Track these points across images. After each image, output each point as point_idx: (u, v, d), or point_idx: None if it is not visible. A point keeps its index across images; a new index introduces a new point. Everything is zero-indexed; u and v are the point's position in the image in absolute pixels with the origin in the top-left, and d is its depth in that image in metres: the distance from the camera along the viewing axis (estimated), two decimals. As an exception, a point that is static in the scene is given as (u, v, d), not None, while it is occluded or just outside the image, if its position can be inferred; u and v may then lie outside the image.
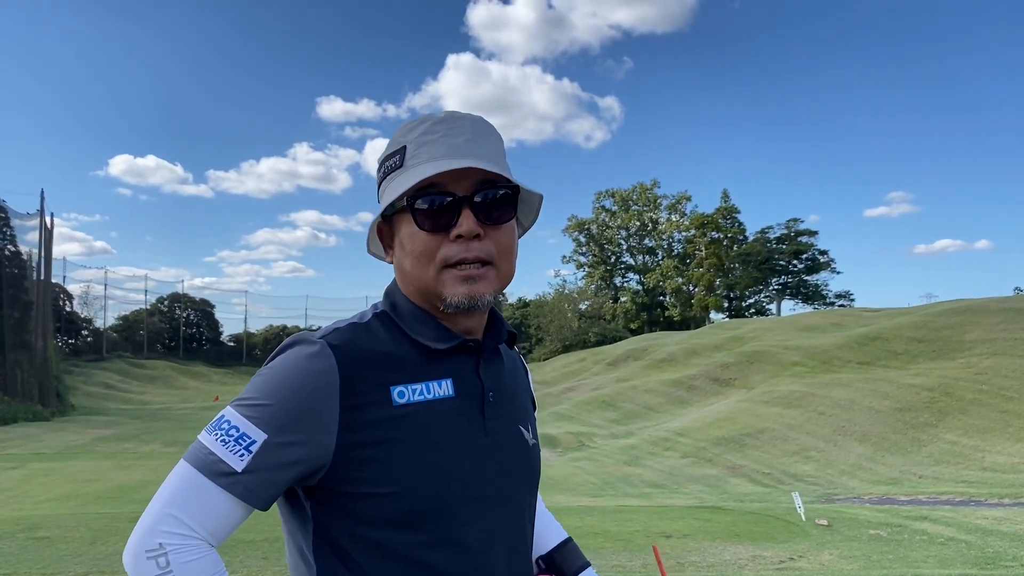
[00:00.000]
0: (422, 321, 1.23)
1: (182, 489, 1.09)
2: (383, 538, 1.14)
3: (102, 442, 23.74)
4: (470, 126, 1.23)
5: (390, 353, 1.19)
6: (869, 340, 26.18)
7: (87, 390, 48.05)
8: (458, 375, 1.23)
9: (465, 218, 1.17)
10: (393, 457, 1.13)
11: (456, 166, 1.15)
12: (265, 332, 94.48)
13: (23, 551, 7.76)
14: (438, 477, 1.15)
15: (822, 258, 66.96)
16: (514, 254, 1.26)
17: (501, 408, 1.27)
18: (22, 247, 39.38)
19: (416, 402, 1.16)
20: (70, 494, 12.53)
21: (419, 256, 1.19)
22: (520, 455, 1.30)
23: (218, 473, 1.08)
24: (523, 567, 1.29)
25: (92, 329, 70.10)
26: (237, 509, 1.10)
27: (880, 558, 7.68)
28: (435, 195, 1.17)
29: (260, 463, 1.09)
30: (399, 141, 1.25)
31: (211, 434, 1.11)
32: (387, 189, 1.24)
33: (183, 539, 1.05)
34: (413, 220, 1.19)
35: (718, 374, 27.35)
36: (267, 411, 1.11)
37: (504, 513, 1.24)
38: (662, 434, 20.89)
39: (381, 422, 1.13)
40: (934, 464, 15.44)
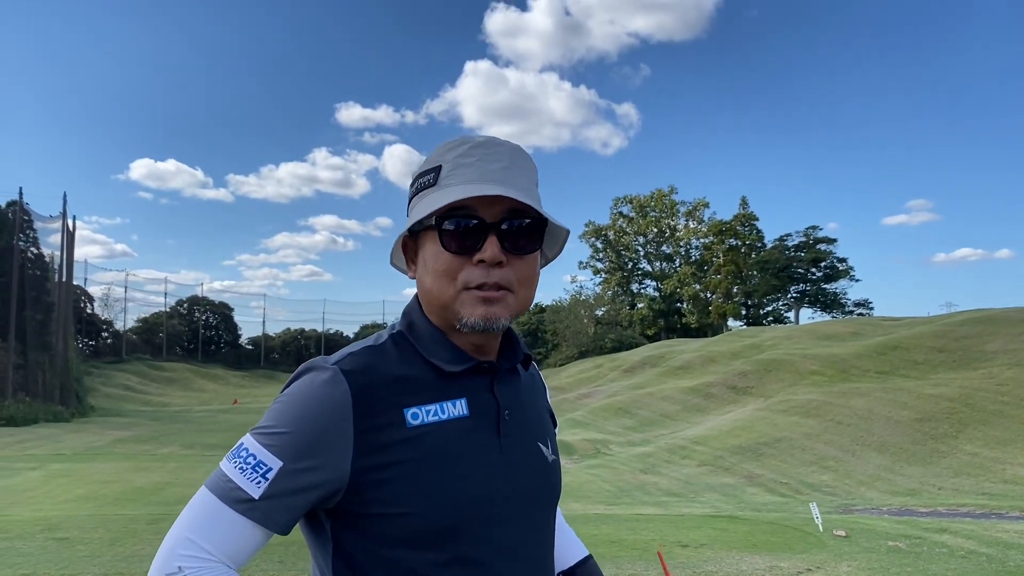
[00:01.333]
0: (438, 342, 1.25)
1: (201, 515, 1.12)
2: (401, 557, 1.15)
3: (121, 444, 23.92)
4: (507, 154, 1.24)
5: (404, 375, 1.21)
6: (888, 349, 25.98)
7: (106, 392, 48.44)
8: (472, 395, 1.24)
9: (490, 244, 1.18)
10: (408, 478, 1.14)
11: (488, 192, 1.17)
12: (283, 335, 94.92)
13: (43, 551, 7.84)
14: (453, 497, 1.16)
15: (841, 266, 66.56)
16: (534, 284, 1.27)
17: (517, 425, 1.28)
18: (44, 249, 39.84)
19: (430, 423, 1.18)
20: (89, 495, 12.64)
21: (441, 275, 1.21)
22: (537, 472, 1.30)
23: (236, 500, 1.11)
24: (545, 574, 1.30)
25: (112, 331, 70.68)
26: (256, 534, 1.12)
27: (899, 570, 7.60)
28: (463, 218, 1.19)
29: (276, 489, 1.11)
30: (436, 160, 1.25)
31: (231, 462, 1.15)
32: (417, 205, 1.26)
33: (201, 562, 1.08)
34: (439, 240, 1.20)
35: (735, 382, 27.22)
36: (283, 439, 1.13)
37: (522, 530, 1.25)
38: (679, 442, 20.80)
39: (395, 444, 1.15)
40: (954, 476, 15.28)
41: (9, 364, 33.99)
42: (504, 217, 1.20)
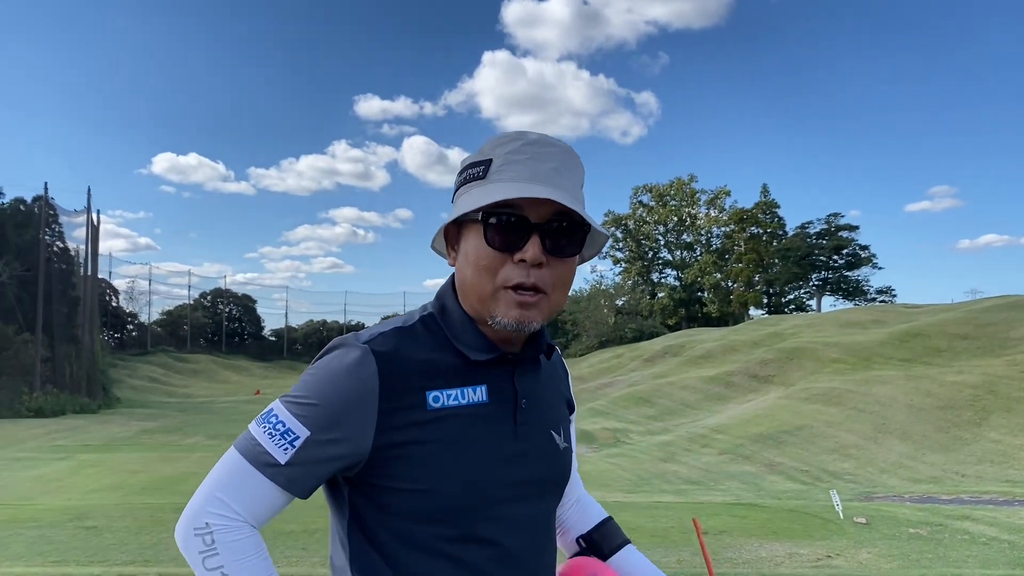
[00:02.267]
0: (467, 330, 1.29)
1: (230, 475, 1.19)
2: (412, 531, 1.22)
3: (147, 434, 24.23)
4: (558, 155, 1.25)
5: (429, 359, 1.25)
6: (911, 337, 25.75)
7: (132, 383, 48.99)
8: (493, 382, 1.28)
9: (532, 244, 1.21)
10: (425, 457, 1.20)
11: (536, 195, 1.18)
12: (305, 327, 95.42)
13: (72, 539, 8.00)
14: (466, 478, 1.21)
15: (863, 253, 65.91)
16: (569, 286, 1.30)
17: (534, 414, 1.33)
18: (70, 243, 40.30)
19: (450, 407, 1.23)
20: (117, 485, 12.84)
21: (481, 270, 1.23)
22: (548, 459, 1.35)
23: (264, 463, 1.18)
24: (548, 563, 1.35)
25: (137, 324, 71.42)
26: (279, 496, 1.19)
27: (919, 557, 7.60)
28: (509, 216, 1.21)
29: (302, 457, 1.18)
30: (487, 152, 1.27)
31: (260, 426, 1.21)
32: (464, 195, 1.28)
33: (228, 520, 1.16)
34: (483, 234, 1.22)
35: (756, 371, 27.10)
36: (312, 410, 1.19)
37: (529, 513, 1.30)
38: (699, 431, 20.78)
39: (415, 424, 1.20)
40: (977, 463, 15.17)
41: (37, 357, 34.48)
42: (549, 219, 1.22)
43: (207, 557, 1.15)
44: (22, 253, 35.34)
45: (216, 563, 1.14)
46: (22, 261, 35.10)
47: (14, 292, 34.65)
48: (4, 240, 34.64)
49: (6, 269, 33.83)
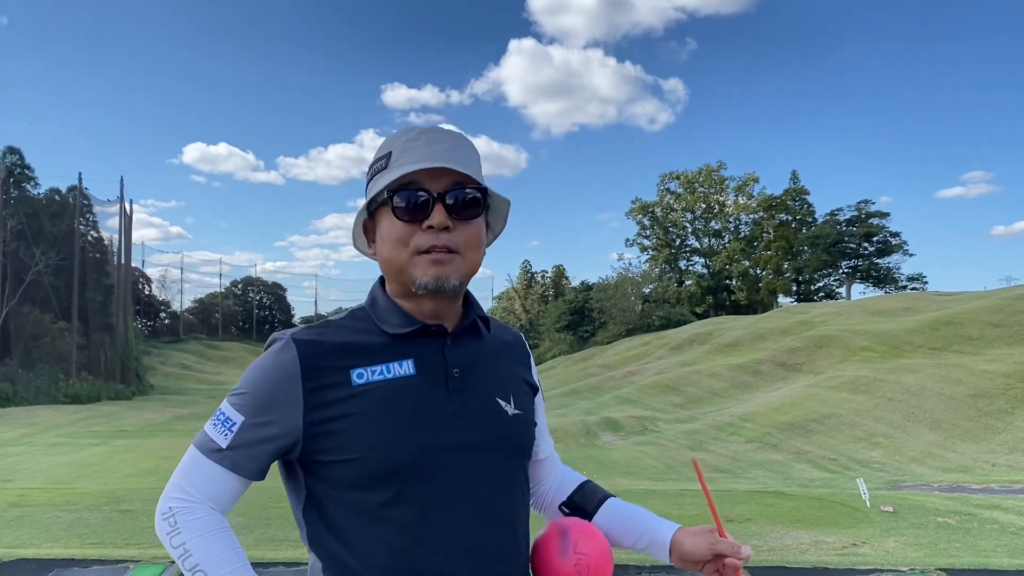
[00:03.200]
0: (391, 311, 1.40)
1: (187, 465, 1.36)
2: (354, 499, 1.31)
3: (180, 420, 24.62)
4: (450, 138, 1.38)
5: (353, 341, 1.37)
6: (942, 325, 25.44)
7: (165, 370, 49.71)
8: (420, 356, 1.38)
9: (437, 212, 1.33)
10: (354, 428, 1.30)
11: (431, 165, 1.31)
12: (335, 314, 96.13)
13: (109, 522, 8.19)
14: (396, 442, 1.30)
15: (894, 240, 64.95)
16: (480, 247, 1.41)
17: (471, 382, 1.40)
18: (104, 233, 41.01)
19: (375, 381, 1.33)
20: (151, 470, 13.10)
21: (395, 243, 1.35)
22: (494, 423, 1.41)
23: (210, 450, 1.34)
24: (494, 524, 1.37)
25: (170, 312, 72.38)
26: (229, 479, 1.33)
27: (947, 546, 7.55)
28: (413, 190, 1.34)
29: (241, 440, 1.32)
30: (387, 147, 1.40)
31: (210, 421, 1.37)
32: (373, 186, 1.41)
33: (186, 503, 1.32)
34: (392, 212, 1.35)
35: (784, 359, 26.93)
36: (245, 398, 1.34)
37: (475, 475, 1.36)
38: (726, 419, 20.73)
39: (341, 400, 1.31)
40: (1008, 452, 15.01)
41: (73, 344, 35.13)
42: (448, 188, 1.34)
43: (172, 536, 1.30)
44: (57, 243, 35.96)
45: (180, 540, 1.29)
46: (57, 250, 35.72)
47: (50, 281, 35.28)
48: (40, 230, 35.27)
49: (42, 259, 34.44)
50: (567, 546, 1.42)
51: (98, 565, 6.42)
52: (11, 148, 37.59)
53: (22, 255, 34.03)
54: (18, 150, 37.64)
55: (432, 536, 1.30)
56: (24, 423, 22.01)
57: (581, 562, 1.40)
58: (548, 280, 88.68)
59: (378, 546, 1.29)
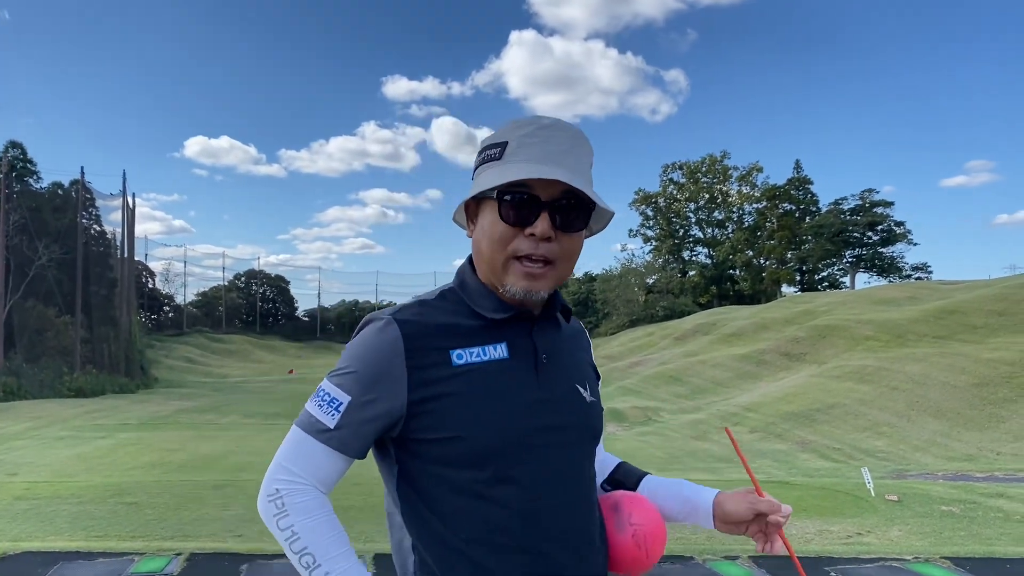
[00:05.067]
0: (484, 295, 1.42)
1: (292, 446, 1.36)
2: (452, 476, 1.34)
3: (184, 413, 24.66)
4: (568, 138, 1.37)
5: (450, 323, 1.39)
6: (946, 314, 25.40)
7: (169, 364, 49.81)
8: (512, 340, 1.40)
9: (542, 220, 1.33)
10: (453, 408, 1.32)
11: (546, 176, 1.29)
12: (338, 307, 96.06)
13: (113, 515, 8.21)
14: (494, 423, 1.33)
15: (898, 229, 64.84)
16: (575, 258, 1.42)
17: (555, 368, 1.44)
18: (106, 226, 41.00)
19: (473, 362, 1.35)
20: (156, 462, 13.12)
21: (495, 242, 1.36)
22: (575, 409, 1.45)
23: (317, 431, 1.35)
24: (581, 505, 1.42)
25: (173, 305, 72.53)
26: (336, 459, 1.35)
27: (951, 535, 7.55)
28: (522, 194, 1.33)
29: (348, 420, 1.34)
30: (503, 135, 1.39)
31: (313, 402, 1.38)
32: (482, 174, 1.40)
33: (293, 484, 1.32)
34: (498, 210, 1.35)
35: (789, 348, 26.91)
36: (350, 378, 1.35)
37: (560, 458, 1.39)
38: (731, 409, 20.74)
39: (442, 380, 1.33)
40: (1013, 441, 14.99)
41: (77, 338, 35.19)
42: (558, 198, 1.33)
43: (279, 518, 1.31)
44: (60, 236, 35.98)
45: (287, 523, 1.30)
46: (61, 244, 35.75)
47: (53, 275, 35.33)
48: (43, 224, 35.29)
49: (45, 252, 34.49)
50: (622, 520, 1.47)
51: (103, 558, 6.43)
52: (13, 142, 37.61)
53: (25, 249, 34.05)
54: (20, 144, 37.65)
55: (530, 515, 1.34)
56: (29, 417, 22.06)
57: (638, 532, 1.45)
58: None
59: (478, 523, 1.33)
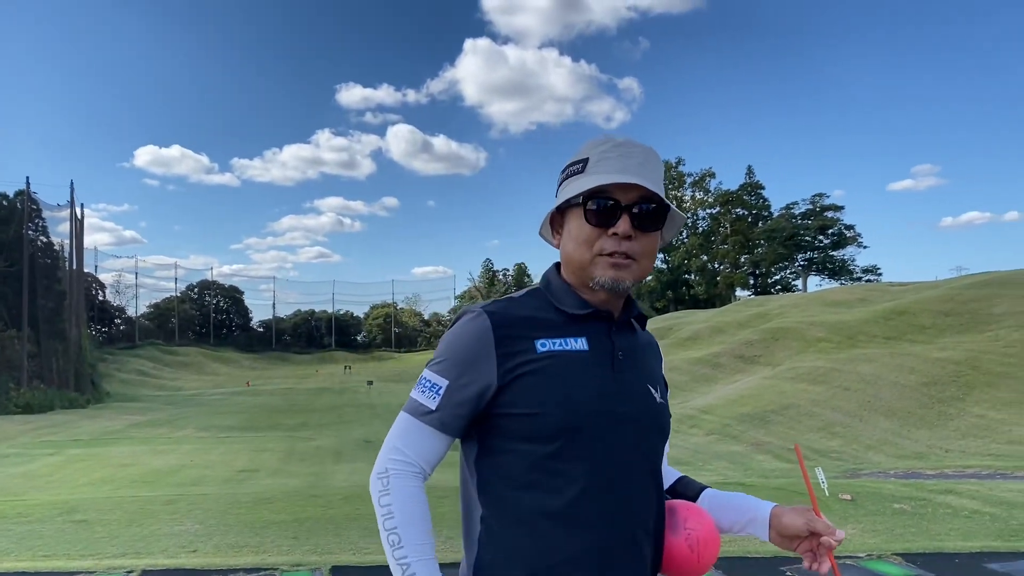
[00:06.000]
0: (567, 294, 1.56)
1: (401, 429, 1.51)
2: (529, 450, 1.45)
3: (137, 428, 24.19)
4: (641, 153, 1.54)
5: (535, 316, 1.53)
6: (895, 315, 25.97)
7: (121, 377, 48.85)
8: (592, 335, 1.53)
9: (623, 221, 1.48)
10: (535, 387, 1.45)
11: (626, 180, 1.47)
12: (294, 317, 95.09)
13: (61, 533, 7.99)
14: (572, 403, 1.45)
15: (848, 233, 66.25)
16: (654, 257, 1.56)
17: (631, 365, 1.56)
18: (54, 238, 40.09)
19: (555, 351, 1.49)
20: (107, 479, 12.83)
21: (582, 243, 1.51)
22: (647, 405, 1.57)
23: (421, 413, 1.50)
24: (643, 493, 1.52)
25: (124, 317, 71.26)
26: (438, 439, 1.50)
27: (903, 531, 7.68)
28: (604, 199, 1.49)
29: (447, 401, 1.48)
30: (585, 152, 1.55)
31: (416, 389, 1.53)
32: (567, 187, 1.56)
33: (403, 465, 1.48)
34: (583, 215, 1.50)
35: (743, 351, 27.28)
36: (446, 364, 1.51)
37: (626, 444, 1.50)
38: (687, 412, 20.93)
39: (527, 363, 1.47)
40: (961, 438, 15.36)
41: (23, 352, 34.31)
42: (636, 202, 1.49)
43: (383, 495, 1.45)
44: (5, 249, 35.09)
45: (388, 500, 1.45)
46: (5, 257, 34.86)
47: (-2, 288, 34.44)
48: (-14, 236, 34.40)
49: (-11, 265, 33.60)
50: (677, 523, 1.56)
51: (51, 578, 6.25)
52: (-45, 153, 36.57)
53: (-31, 262, 33.17)
54: (-38, 155, 36.62)
55: (593, 493, 1.44)
56: (-26, 435, 21.45)
57: (691, 536, 1.55)
58: (510, 278, 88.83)
59: (550, 494, 1.44)
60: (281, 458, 16.61)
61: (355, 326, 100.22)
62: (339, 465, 15.80)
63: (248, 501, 9.79)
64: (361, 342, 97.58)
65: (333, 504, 9.30)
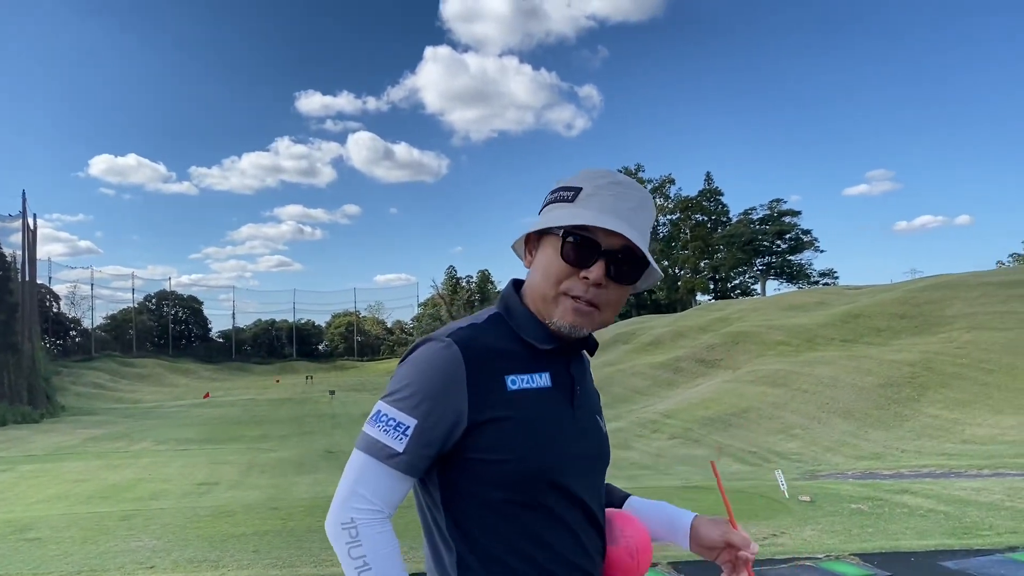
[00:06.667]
0: (532, 324, 1.48)
1: (362, 472, 1.38)
2: (496, 495, 1.39)
3: (93, 442, 23.72)
4: (637, 197, 1.46)
5: (503, 347, 1.44)
6: (852, 318, 26.40)
7: (77, 390, 47.85)
8: (554, 370, 1.47)
9: (597, 267, 1.40)
10: (508, 432, 1.38)
11: (612, 227, 1.39)
12: (254, 327, 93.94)
13: (14, 552, 7.83)
14: (541, 450, 1.39)
15: (805, 237, 67.32)
16: (618, 310, 1.50)
17: (584, 400, 1.53)
18: (5, 249, 39.20)
19: (524, 388, 1.42)
20: (61, 495, 12.56)
21: (550, 276, 1.43)
22: (598, 440, 1.54)
23: (386, 456, 1.37)
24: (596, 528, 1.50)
25: (80, 329, 69.89)
26: (403, 482, 1.39)
27: (860, 531, 7.82)
28: (586, 238, 1.41)
29: (415, 443, 1.37)
30: (580, 181, 1.48)
31: (374, 426, 1.40)
32: (552, 211, 1.48)
33: (370, 513, 1.36)
34: (560, 247, 1.43)
35: (704, 355, 27.54)
36: (413, 400, 1.38)
37: (586, 486, 1.47)
38: (650, 416, 21.07)
39: (499, 403, 1.39)
40: (916, 438, 15.65)
41: (-26, 367, 33.47)
42: (616, 249, 1.41)
43: (352, 547, 1.33)
44: (-46, 261, 34.24)
45: (360, 552, 1.33)
46: (-45, 269, 34.01)
47: (-53, 301, 33.57)
48: (-65, 248, 33.52)
49: (-62, 277, 32.75)
50: (616, 533, 1.55)
51: (2, 598, 6.11)
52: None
53: (-84, 275, 32.29)
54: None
55: (564, 536, 1.41)
56: (-78, 452, 20.86)
57: (631, 544, 1.54)
58: (474, 285, 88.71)
59: (520, 539, 1.39)
60: (241, 470, 16.39)
61: (316, 335, 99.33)
62: (300, 476, 15.63)
63: (207, 515, 9.66)
64: (323, 351, 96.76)
65: (294, 516, 9.20)
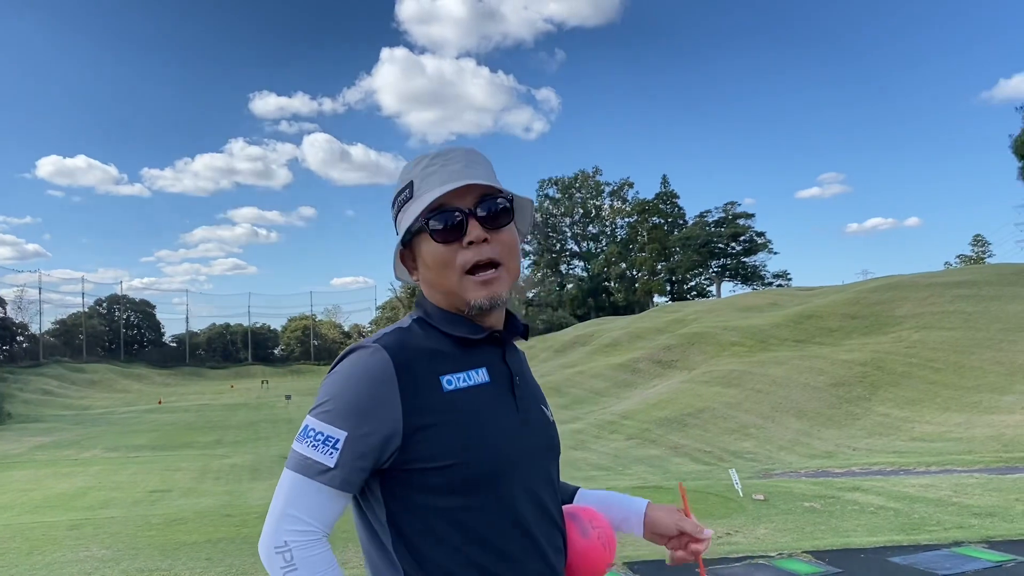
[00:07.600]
0: (453, 320, 1.44)
1: (292, 492, 1.31)
2: (445, 504, 1.33)
3: (40, 450, 23.17)
4: (462, 155, 1.45)
5: (433, 348, 1.39)
6: (804, 318, 26.84)
7: (24, 397, 46.69)
8: (490, 364, 1.44)
9: (472, 227, 1.39)
10: (449, 435, 1.33)
11: (457, 185, 1.37)
12: (208, 331, 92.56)
13: (-43, 565, 7.60)
14: (486, 450, 1.35)
15: (759, 240, 68.34)
16: (518, 252, 1.49)
17: (526, 390, 1.50)
18: (-52, 253, 38.11)
19: (461, 388, 1.37)
20: (6, 505, 12.25)
21: (441, 266, 1.41)
22: (545, 430, 1.52)
23: (317, 472, 1.30)
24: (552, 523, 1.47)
25: (28, 334, 68.22)
26: (338, 499, 1.31)
27: (813, 529, 7.94)
28: (445, 212, 1.39)
29: (347, 456, 1.29)
30: (406, 177, 1.47)
31: (302, 443, 1.33)
32: (403, 217, 1.45)
33: (304, 535, 1.28)
34: (430, 237, 1.40)
35: (661, 356, 27.76)
36: (342, 412, 1.31)
37: (537, 478, 1.45)
38: (608, 417, 21.18)
39: (435, 406, 1.33)
40: (867, 436, 15.95)
41: (-85, 374, 32.51)
42: (477, 203, 1.40)
43: (288, 572, 1.26)
44: None
45: None
46: None
47: None
48: None
49: None
50: (585, 527, 1.55)
51: (-57, 613, 5.93)
52: None
53: None
54: None
55: (519, 533, 1.37)
56: None
57: (601, 536, 1.55)
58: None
59: (470, 545, 1.33)
60: (195, 477, 16.14)
61: (272, 339, 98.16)
62: (255, 483, 15.43)
63: (159, 523, 9.49)
64: (279, 356, 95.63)
65: (248, 522, 9.07)
